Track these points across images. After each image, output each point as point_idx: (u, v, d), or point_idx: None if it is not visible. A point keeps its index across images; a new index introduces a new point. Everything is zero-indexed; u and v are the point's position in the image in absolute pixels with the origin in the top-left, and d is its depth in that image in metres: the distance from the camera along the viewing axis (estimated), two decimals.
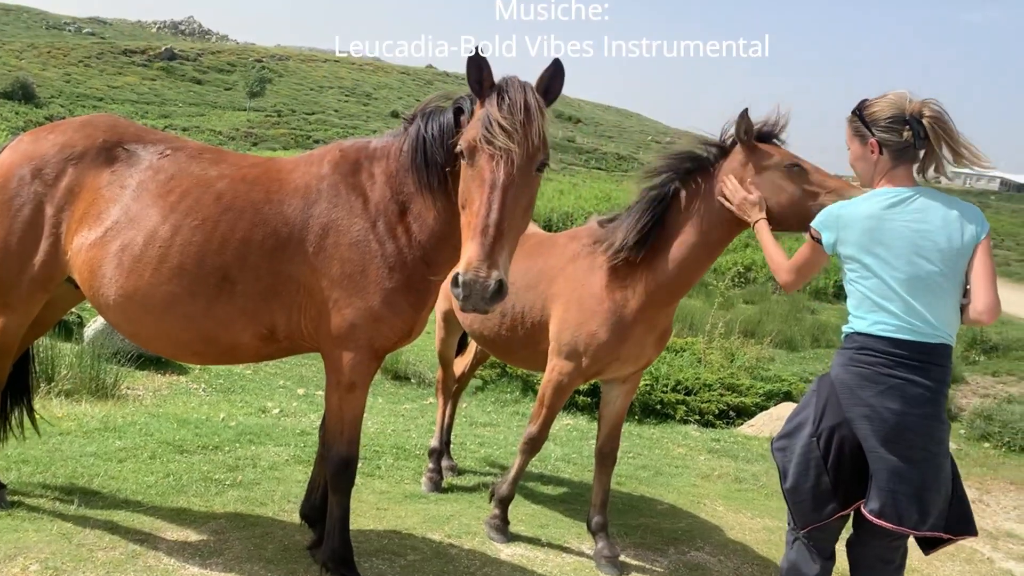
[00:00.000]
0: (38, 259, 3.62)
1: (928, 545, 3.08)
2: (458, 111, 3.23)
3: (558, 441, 7.01)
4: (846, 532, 3.23)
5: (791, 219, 3.70)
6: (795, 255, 3.29)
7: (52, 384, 6.30)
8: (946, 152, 3.03)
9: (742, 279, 23.85)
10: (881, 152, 3.05)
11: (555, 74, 2.95)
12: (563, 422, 8.10)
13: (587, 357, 4.12)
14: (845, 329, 3.12)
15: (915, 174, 3.10)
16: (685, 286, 4.03)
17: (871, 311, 3.00)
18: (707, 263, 3.99)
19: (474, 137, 2.86)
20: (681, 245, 3.93)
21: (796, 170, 3.68)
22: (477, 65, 2.91)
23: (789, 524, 3.25)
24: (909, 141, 3.01)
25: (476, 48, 2.89)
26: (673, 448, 7.22)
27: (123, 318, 3.52)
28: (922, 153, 3.07)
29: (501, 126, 2.80)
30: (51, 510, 4.02)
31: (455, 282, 2.67)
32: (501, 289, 2.66)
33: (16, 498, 4.07)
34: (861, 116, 3.10)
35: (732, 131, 3.82)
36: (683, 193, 3.95)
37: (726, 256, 26.81)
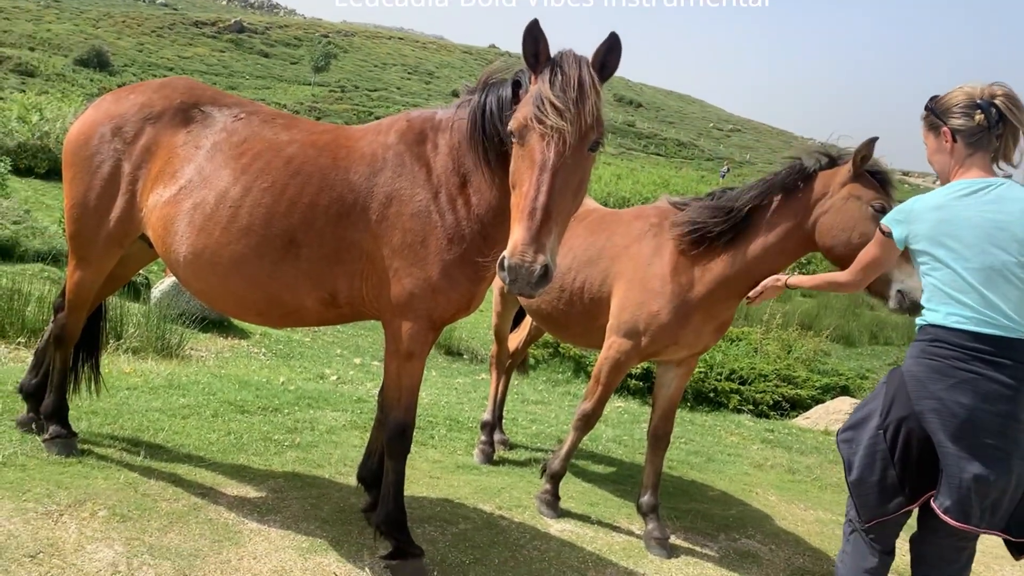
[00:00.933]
0: (114, 215, 3.73)
1: (1020, 551, 2.96)
2: (516, 84, 3.17)
3: (610, 423, 7.01)
4: (907, 529, 3.17)
5: (840, 255, 3.69)
6: (860, 254, 3.23)
7: (120, 341, 6.51)
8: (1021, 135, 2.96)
9: (801, 271, 23.45)
10: (955, 140, 2.97)
11: (611, 48, 2.86)
12: (615, 404, 8.09)
13: (646, 336, 4.11)
14: (918, 321, 3.04)
15: (992, 164, 3.00)
16: (752, 285, 3.98)
17: (944, 303, 2.91)
18: (780, 267, 3.94)
19: (525, 115, 2.80)
20: (761, 245, 3.91)
21: (878, 216, 3.54)
22: (533, 37, 2.84)
23: (849, 516, 3.19)
24: (983, 125, 2.92)
25: (534, 20, 2.82)
26: (726, 436, 7.16)
27: (192, 275, 3.61)
28: (997, 139, 2.96)
29: (553, 104, 2.74)
30: (118, 460, 4.16)
31: (501, 265, 2.66)
32: (547, 274, 2.63)
33: (86, 447, 4.22)
34: (932, 109, 3.04)
35: (852, 149, 3.77)
36: (779, 195, 3.91)
37: None
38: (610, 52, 2.88)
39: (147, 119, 3.70)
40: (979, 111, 2.92)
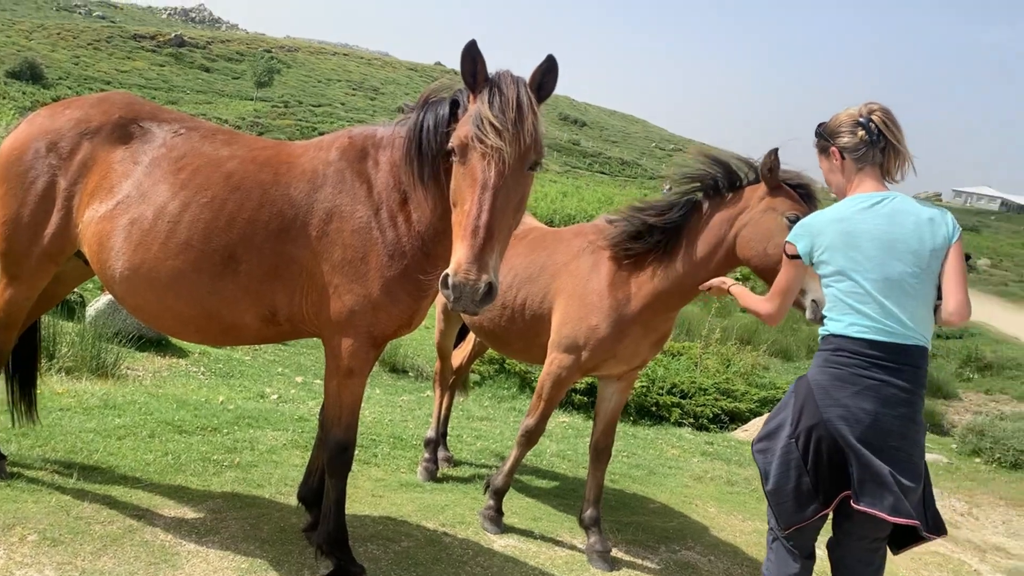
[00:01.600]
0: (49, 231, 3.66)
1: (898, 545, 3.14)
2: (454, 104, 3.20)
3: (554, 438, 7.05)
4: (825, 535, 3.27)
5: (758, 267, 3.81)
6: (776, 284, 3.29)
7: (53, 361, 6.33)
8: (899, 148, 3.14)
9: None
10: (843, 158, 3.17)
11: (548, 70, 2.92)
12: (559, 420, 8.15)
13: (586, 351, 4.17)
14: (821, 331, 3.16)
15: (883, 178, 3.17)
16: (687, 296, 4.08)
17: (845, 313, 3.05)
18: (711, 278, 3.99)
19: (466, 134, 2.84)
20: (689, 259, 3.98)
21: (791, 227, 3.56)
22: (471, 58, 2.88)
23: (770, 524, 3.28)
24: (865, 140, 3.11)
25: (472, 41, 2.86)
26: (667, 449, 7.26)
27: (129, 292, 3.56)
28: (881, 153, 3.14)
29: (492, 124, 2.78)
30: (50, 483, 4.05)
31: (445, 283, 2.70)
32: (491, 292, 2.68)
33: (16, 469, 4.11)
34: (821, 133, 3.25)
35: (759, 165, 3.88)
36: (706, 205, 4.00)
37: None
38: (547, 73, 2.94)
39: (84, 134, 3.65)
40: (860, 128, 3.12)
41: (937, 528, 3.08)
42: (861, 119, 3.13)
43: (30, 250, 3.70)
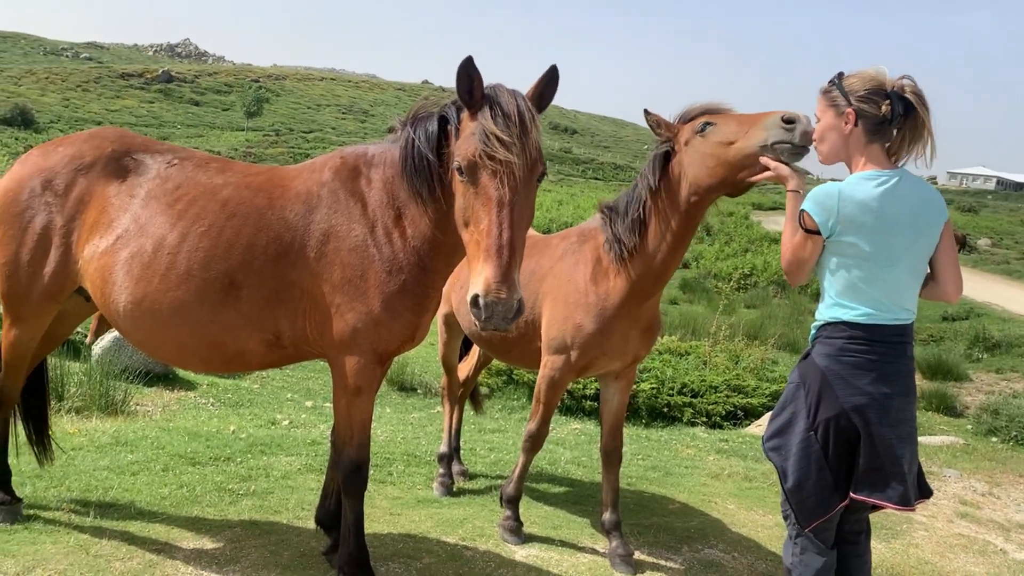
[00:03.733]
0: (48, 270, 3.66)
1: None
2: (443, 120, 3.21)
3: (567, 445, 7.03)
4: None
5: (728, 179, 3.64)
6: (790, 252, 3.11)
7: (62, 402, 6.32)
8: (924, 134, 2.99)
9: (744, 284, 23.90)
10: (856, 124, 2.99)
11: (551, 80, 2.96)
12: (571, 426, 8.12)
13: (575, 350, 4.18)
14: (827, 317, 3.06)
15: (889, 156, 3.05)
16: (661, 276, 4.04)
17: (858, 299, 2.99)
18: (677, 251, 3.96)
19: (473, 152, 2.83)
20: (653, 235, 3.97)
21: (708, 128, 3.65)
22: (468, 75, 2.87)
23: (789, 522, 3.20)
24: (887, 116, 2.96)
25: (468, 58, 2.85)
26: (682, 449, 7.23)
27: (133, 325, 3.56)
28: (895, 133, 3.01)
29: (500, 140, 2.79)
30: (67, 522, 4.03)
31: (475, 303, 2.70)
32: (520, 308, 2.72)
33: (32, 511, 4.09)
34: (839, 85, 3.04)
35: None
36: (654, 188, 3.99)
37: (727, 261, 26.88)
38: (548, 84, 2.98)
39: (78, 170, 3.65)
40: (887, 102, 2.96)
41: (925, 492, 3.16)
42: (891, 91, 2.96)
43: (31, 290, 3.70)
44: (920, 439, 8.21)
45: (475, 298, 2.70)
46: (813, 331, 3.18)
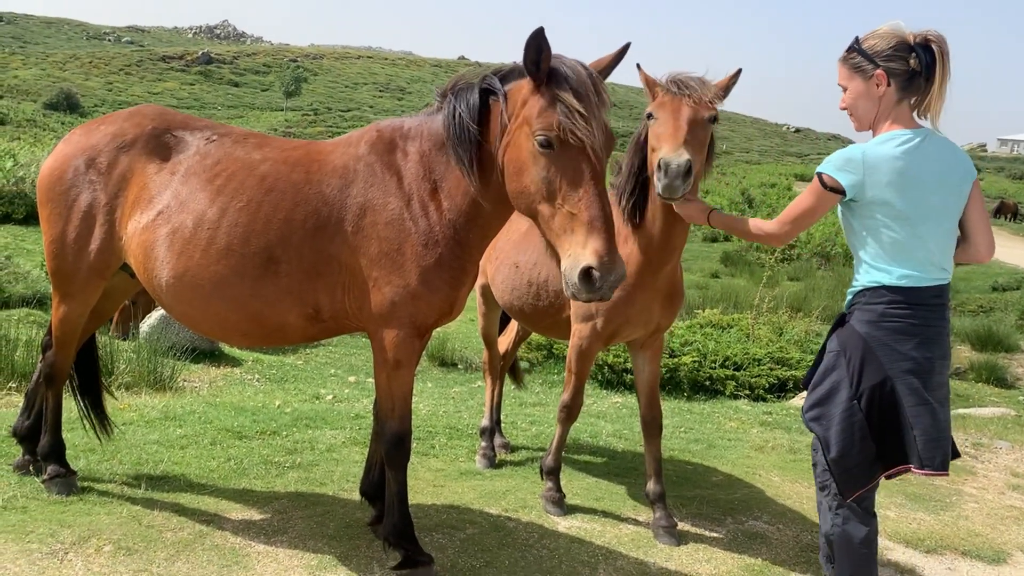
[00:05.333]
0: (94, 246, 3.72)
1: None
2: (486, 91, 3.20)
3: (608, 418, 7.02)
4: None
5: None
6: (790, 207, 3.12)
7: (112, 378, 6.47)
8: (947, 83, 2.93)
9: (787, 256, 23.57)
10: (889, 84, 2.93)
11: (619, 58, 3.05)
12: (612, 400, 8.11)
13: (600, 318, 4.18)
14: (866, 282, 3.01)
15: (915, 113, 3.01)
16: (665, 245, 3.97)
17: (895, 261, 2.94)
18: (674, 222, 3.89)
19: (556, 124, 2.83)
20: (650, 204, 3.94)
21: (651, 120, 3.66)
22: (537, 45, 2.84)
23: (829, 493, 3.13)
24: (916, 69, 2.91)
25: (540, 28, 2.82)
26: (725, 422, 7.17)
27: (175, 300, 3.61)
28: (926, 84, 2.95)
29: (581, 114, 2.82)
30: (120, 494, 4.13)
31: (587, 275, 2.73)
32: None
33: (86, 484, 4.19)
34: (861, 50, 2.97)
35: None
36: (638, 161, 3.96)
37: None
38: (616, 61, 3.07)
39: (120, 148, 3.70)
40: (913, 54, 2.90)
41: (954, 452, 3.11)
42: (915, 44, 2.91)
43: (78, 267, 3.78)
44: (970, 411, 8.09)
45: (587, 269, 2.73)
46: (849, 297, 3.14)
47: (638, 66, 3.79)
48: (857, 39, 3.00)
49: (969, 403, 8.65)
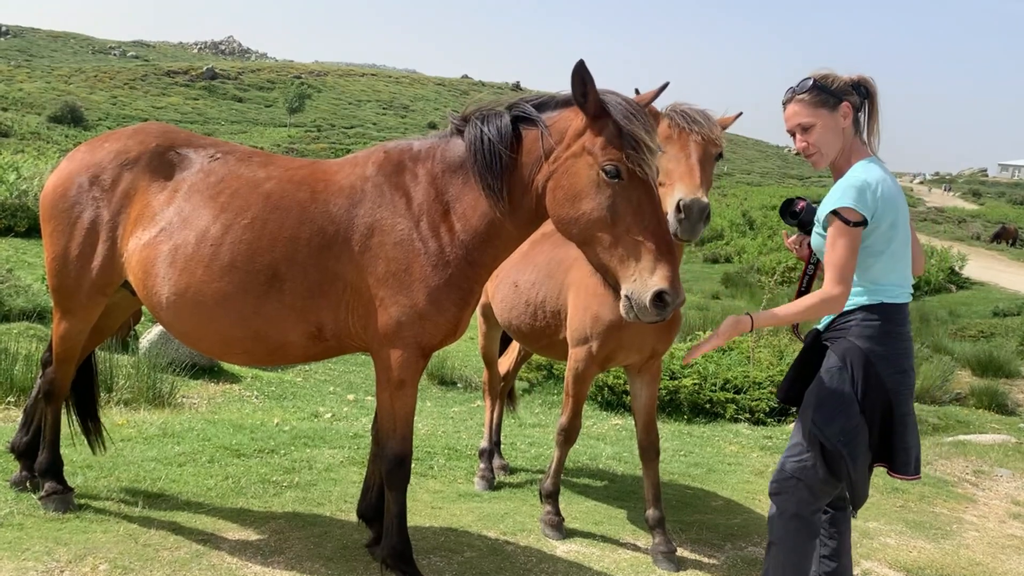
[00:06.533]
0: (96, 263, 3.73)
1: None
2: (518, 118, 3.27)
3: (608, 440, 7.00)
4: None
5: None
6: (833, 264, 2.98)
7: (111, 394, 6.45)
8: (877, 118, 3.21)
9: (787, 278, 23.57)
10: (854, 115, 3.15)
11: (658, 95, 3.30)
12: (612, 422, 8.08)
13: (594, 341, 4.18)
14: (864, 301, 3.09)
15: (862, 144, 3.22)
16: None
17: (887, 280, 3.09)
18: (677, 247, 3.92)
19: (623, 156, 2.95)
20: None
21: (660, 152, 3.66)
22: (581, 79, 2.96)
23: (786, 497, 3.15)
24: (858, 105, 3.16)
25: (581, 62, 2.93)
26: (725, 446, 7.15)
27: (175, 317, 3.60)
28: (863, 122, 3.20)
29: (648, 146, 2.97)
30: (117, 512, 4.11)
31: (660, 299, 2.87)
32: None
33: (83, 501, 4.17)
34: (823, 86, 3.13)
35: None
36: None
37: (770, 255, 26.55)
38: (656, 97, 3.32)
39: (124, 165, 3.72)
40: (854, 92, 3.14)
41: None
42: (855, 85, 3.15)
43: (80, 283, 3.78)
44: (971, 437, 8.05)
45: (660, 293, 2.87)
46: (829, 317, 3.21)
47: (637, 92, 3.77)
48: (812, 80, 3.14)
49: (970, 429, 8.60)
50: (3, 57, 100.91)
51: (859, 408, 3.03)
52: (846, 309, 3.12)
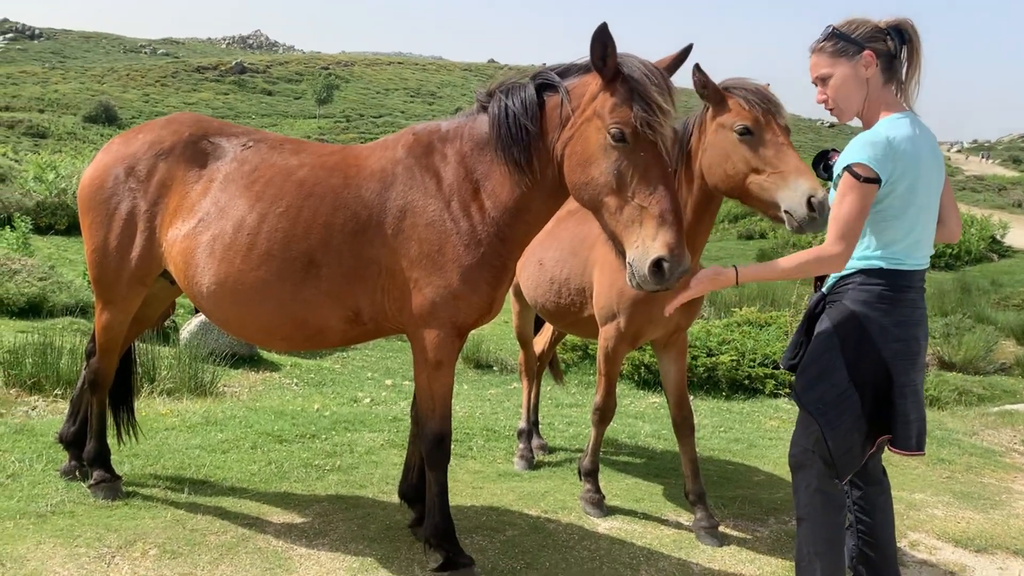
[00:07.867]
0: (135, 254, 3.78)
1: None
2: (542, 86, 3.23)
3: (646, 418, 6.97)
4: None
5: (728, 191, 3.64)
6: (842, 217, 2.84)
7: (154, 384, 6.56)
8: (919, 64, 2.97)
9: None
10: (876, 64, 2.92)
11: (681, 59, 3.09)
12: (649, 400, 8.05)
13: (622, 317, 4.15)
14: (863, 264, 2.96)
15: (899, 95, 3.01)
16: (692, 246, 3.81)
17: (893, 244, 2.93)
18: (707, 217, 3.88)
19: (633, 119, 2.86)
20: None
21: (745, 136, 3.51)
22: (602, 42, 2.89)
23: (808, 471, 3.08)
24: (893, 51, 2.93)
25: (603, 24, 2.86)
26: (765, 421, 7.09)
27: (216, 306, 3.65)
28: (902, 69, 2.97)
29: (661, 108, 2.87)
30: (164, 499, 4.18)
31: (658, 266, 2.78)
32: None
33: (131, 489, 4.25)
34: (842, 34, 2.94)
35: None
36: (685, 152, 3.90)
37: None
38: (679, 62, 3.10)
39: (159, 155, 3.76)
40: (888, 37, 2.92)
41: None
42: (887, 27, 2.93)
43: (120, 274, 3.84)
44: (1018, 407, 7.90)
45: (658, 261, 2.79)
46: (833, 279, 3.09)
47: (697, 66, 3.60)
48: (833, 27, 2.98)
49: (1016, 399, 8.45)
50: (37, 59, 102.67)
51: (847, 375, 2.94)
52: (846, 272, 2.99)
